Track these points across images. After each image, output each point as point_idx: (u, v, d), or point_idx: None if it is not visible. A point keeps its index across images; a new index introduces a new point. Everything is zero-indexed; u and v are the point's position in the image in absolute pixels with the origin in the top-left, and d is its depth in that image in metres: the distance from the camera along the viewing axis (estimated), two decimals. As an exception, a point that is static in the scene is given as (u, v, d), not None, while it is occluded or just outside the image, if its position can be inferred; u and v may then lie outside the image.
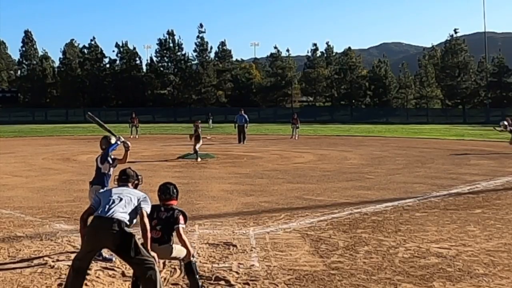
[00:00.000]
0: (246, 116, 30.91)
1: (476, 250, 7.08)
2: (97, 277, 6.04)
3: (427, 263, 6.49)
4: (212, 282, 5.86)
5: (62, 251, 7.15)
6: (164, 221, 5.30)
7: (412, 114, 79.80)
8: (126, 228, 5.02)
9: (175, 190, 5.51)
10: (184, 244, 5.30)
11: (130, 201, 5.21)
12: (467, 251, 7.03)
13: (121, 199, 5.20)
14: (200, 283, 5.50)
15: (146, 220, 5.12)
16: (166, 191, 5.46)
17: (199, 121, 22.07)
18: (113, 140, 7.57)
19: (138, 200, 5.26)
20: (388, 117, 76.33)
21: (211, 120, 57.48)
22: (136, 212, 5.18)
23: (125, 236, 4.97)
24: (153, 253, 5.04)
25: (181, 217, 5.31)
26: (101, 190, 5.49)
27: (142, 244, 5.06)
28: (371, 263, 6.50)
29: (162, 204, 5.45)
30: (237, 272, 6.16)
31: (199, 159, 19.59)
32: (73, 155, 22.08)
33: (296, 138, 34.00)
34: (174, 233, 5.32)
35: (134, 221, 5.20)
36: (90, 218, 5.24)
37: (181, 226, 5.28)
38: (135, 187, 5.69)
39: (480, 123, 66.95)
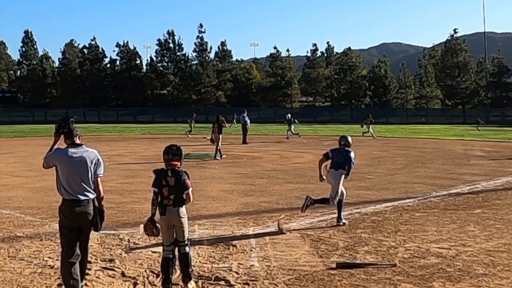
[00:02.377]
0: (247, 117, 31.50)
1: (476, 250, 7.08)
2: (97, 277, 6.04)
3: (427, 263, 6.49)
4: (212, 282, 5.86)
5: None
6: (174, 188, 5.56)
7: (412, 114, 79.79)
8: (95, 204, 5.30)
9: (178, 152, 5.84)
10: (187, 203, 5.66)
11: (89, 172, 5.31)
12: (467, 251, 7.03)
13: (79, 172, 5.26)
14: (191, 272, 5.68)
15: (101, 187, 5.41)
16: (169, 151, 5.81)
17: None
18: None
19: (94, 166, 5.37)
20: (388, 117, 76.29)
21: (235, 120, 57.33)
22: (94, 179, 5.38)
23: (99, 212, 5.30)
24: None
25: (188, 181, 5.61)
26: (54, 155, 5.42)
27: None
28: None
29: (167, 165, 5.73)
30: (237, 272, 6.16)
31: (224, 156, 20.23)
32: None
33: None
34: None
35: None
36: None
37: (190, 190, 5.63)
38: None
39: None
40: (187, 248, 5.66)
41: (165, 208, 5.54)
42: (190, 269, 5.68)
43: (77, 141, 5.50)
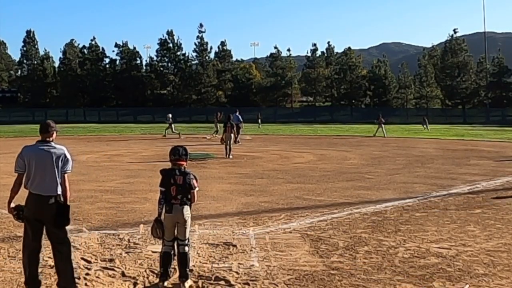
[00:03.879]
0: (240, 117, 31.03)
1: (476, 250, 7.07)
2: (97, 277, 6.03)
3: (427, 263, 6.49)
4: (212, 282, 5.86)
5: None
6: (182, 188, 5.73)
7: (412, 114, 79.78)
8: (61, 200, 5.35)
9: (184, 152, 5.96)
10: (191, 204, 5.83)
11: (56, 167, 5.40)
12: (467, 251, 7.02)
13: (45, 167, 5.38)
14: (189, 274, 5.73)
15: (67, 184, 5.48)
16: (176, 152, 5.91)
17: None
18: None
19: (62, 162, 5.46)
20: (388, 117, 76.32)
21: (260, 120, 57.78)
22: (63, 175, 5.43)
23: (62, 208, 5.34)
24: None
25: (194, 182, 5.81)
26: (24, 151, 5.61)
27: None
28: (371, 263, 6.50)
29: (173, 165, 5.87)
30: (237, 272, 6.16)
31: (231, 156, 20.39)
32: (73, 155, 22.03)
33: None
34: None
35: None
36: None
37: (196, 190, 5.81)
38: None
39: (480, 123, 66.99)
40: (186, 248, 5.72)
41: (171, 206, 5.69)
42: (188, 269, 5.73)
43: (50, 139, 5.67)
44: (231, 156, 20.51)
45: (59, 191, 5.37)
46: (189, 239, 5.84)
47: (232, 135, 21.13)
